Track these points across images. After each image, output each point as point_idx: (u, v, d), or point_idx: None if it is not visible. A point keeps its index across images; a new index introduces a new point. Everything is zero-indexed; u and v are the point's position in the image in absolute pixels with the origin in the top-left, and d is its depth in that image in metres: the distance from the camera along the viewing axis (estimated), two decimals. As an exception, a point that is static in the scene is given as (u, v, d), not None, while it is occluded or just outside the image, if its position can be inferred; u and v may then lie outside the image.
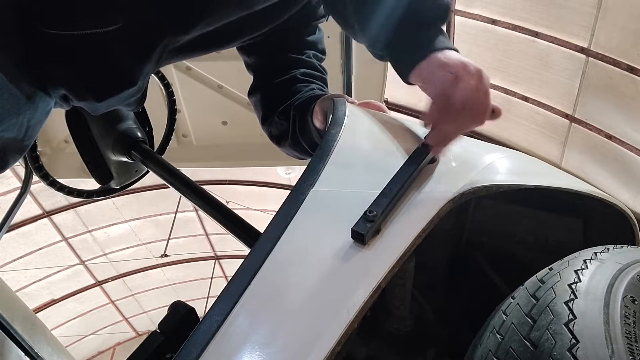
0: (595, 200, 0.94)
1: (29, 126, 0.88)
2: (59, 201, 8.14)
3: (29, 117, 0.87)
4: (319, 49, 1.32)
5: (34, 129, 0.90)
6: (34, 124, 0.89)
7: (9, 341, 1.45)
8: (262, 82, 1.29)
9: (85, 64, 0.86)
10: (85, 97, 0.91)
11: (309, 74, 1.27)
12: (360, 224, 0.72)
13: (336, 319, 0.63)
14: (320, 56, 1.32)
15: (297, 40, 1.27)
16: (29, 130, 0.89)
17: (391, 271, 0.68)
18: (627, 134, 4.94)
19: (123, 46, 0.86)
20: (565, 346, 0.58)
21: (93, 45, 0.84)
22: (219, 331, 0.65)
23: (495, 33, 5.14)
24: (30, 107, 0.86)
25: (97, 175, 1.55)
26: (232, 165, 6.12)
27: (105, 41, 0.84)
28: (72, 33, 0.81)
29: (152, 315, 12.33)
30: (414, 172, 0.81)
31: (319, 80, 1.28)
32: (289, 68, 1.26)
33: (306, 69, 1.27)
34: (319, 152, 0.88)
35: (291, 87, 1.24)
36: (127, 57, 0.88)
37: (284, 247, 0.73)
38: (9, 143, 0.87)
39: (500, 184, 0.83)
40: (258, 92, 1.30)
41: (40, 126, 0.93)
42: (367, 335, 0.96)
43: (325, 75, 1.32)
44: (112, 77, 0.90)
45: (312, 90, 1.23)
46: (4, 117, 0.81)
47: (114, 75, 0.90)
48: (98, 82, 0.89)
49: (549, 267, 0.75)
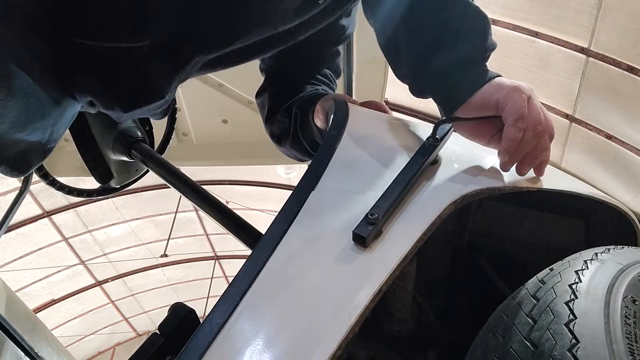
0: (597, 202, 0.94)
1: (53, 130, 0.87)
2: (59, 201, 8.14)
3: (54, 121, 0.86)
4: (336, 68, 1.33)
5: (58, 132, 0.89)
6: (59, 128, 0.88)
7: (9, 341, 1.44)
8: (272, 89, 1.30)
9: (114, 77, 0.85)
10: (113, 107, 0.89)
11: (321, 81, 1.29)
12: (361, 226, 0.71)
13: (337, 323, 0.62)
14: (333, 78, 1.33)
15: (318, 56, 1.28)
16: (53, 134, 0.87)
17: (393, 274, 0.67)
18: (627, 134, 4.93)
19: (155, 62, 0.85)
20: (566, 346, 0.58)
21: (125, 58, 0.83)
22: (220, 334, 0.65)
23: (495, 33, 5.09)
24: (56, 111, 0.85)
25: (97, 174, 1.55)
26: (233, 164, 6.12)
27: (137, 56, 0.83)
28: (104, 45, 0.80)
29: (152, 315, 12.34)
30: (416, 174, 0.80)
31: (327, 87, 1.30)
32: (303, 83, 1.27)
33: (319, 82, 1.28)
34: (319, 153, 0.87)
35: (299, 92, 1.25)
36: (158, 72, 0.87)
37: (285, 249, 0.73)
38: (33, 146, 0.85)
39: (502, 187, 0.82)
40: (266, 93, 1.30)
41: (65, 129, 0.92)
42: (368, 337, 0.95)
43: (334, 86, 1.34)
44: (141, 90, 0.89)
45: (315, 90, 1.23)
46: (29, 121, 0.80)
47: (143, 89, 0.89)
48: (127, 94, 0.88)
49: (550, 268, 0.75)
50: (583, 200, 0.93)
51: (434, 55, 0.90)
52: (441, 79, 0.90)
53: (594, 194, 0.93)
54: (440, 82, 0.91)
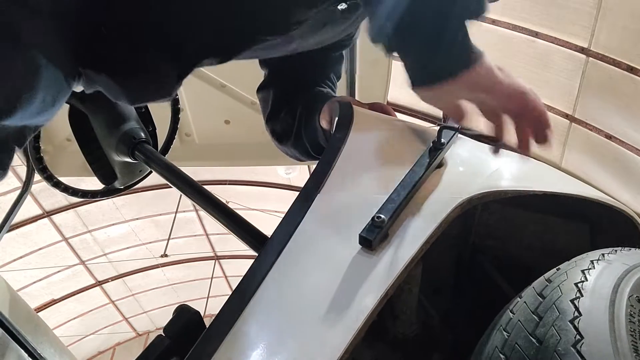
0: (603, 206, 0.94)
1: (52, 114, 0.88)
2: (59, 201, 8.14)
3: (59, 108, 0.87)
4: (338, 72, 1.34)
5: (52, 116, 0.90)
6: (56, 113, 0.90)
7: (13, 342, 1.44)
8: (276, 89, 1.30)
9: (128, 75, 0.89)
10: (119, 99, 0.94)
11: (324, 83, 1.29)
12: (367, 229, 0.72)
13: (344, 327, 0.62)
14: (335, 81, 1.34)
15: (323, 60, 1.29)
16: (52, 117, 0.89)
17: (399, 278, 0.67)
18: (627, 134, 4.94)
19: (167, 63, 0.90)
20: (570, 342, 0.58)
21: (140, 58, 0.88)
22: (227, 337, 0.65)
23: (495, 33, 5.13)
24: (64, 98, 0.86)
25: (101, 175, 1.56)
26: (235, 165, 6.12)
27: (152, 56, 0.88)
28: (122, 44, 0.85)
29: (152, 315, 12.33)
30: (422, 177, 0.80)
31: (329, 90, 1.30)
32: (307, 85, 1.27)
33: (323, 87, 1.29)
34: (325, 156, 0.87)
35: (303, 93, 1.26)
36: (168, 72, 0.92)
37: (291, 253, 0.73)
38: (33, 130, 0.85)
39: (508, 190, 0.83)
40: (269, 89, 1.31)
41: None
42: (373, 340, 0.95)
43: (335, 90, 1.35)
44: (151, 89, 0.94)
45: (320, 91, 1.24)
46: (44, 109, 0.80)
47: (154, 88, 0.94)
48: (137, 91, 0.93)
49: (557, 268, 0.76)
50: (588, 204, 0.93)
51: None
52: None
53: (600, 198, 0.93)
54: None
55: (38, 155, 1.56)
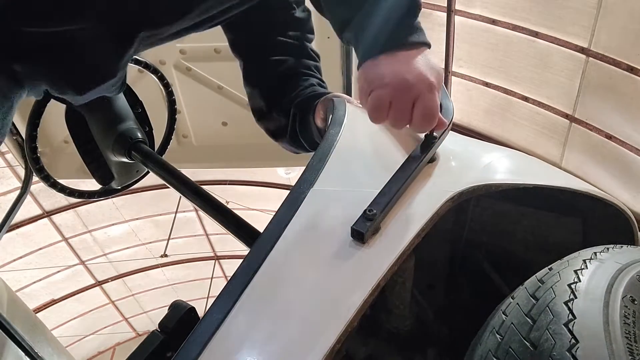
0: (594, 199, 0.94)
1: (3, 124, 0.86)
2: (58, 201, 8.14)
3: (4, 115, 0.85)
4: (307, 27, 1.28)
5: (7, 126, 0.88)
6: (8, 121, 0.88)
7: (10, 342, 1.45)
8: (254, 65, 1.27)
9: (63, 62, 0.86)
10: (66, 92, 0.91)
11: (305, 65, 1.25)
12: (359, 222, 0.72)
13: (336, 318, 0.63)
14: (309, 37, 1.29)
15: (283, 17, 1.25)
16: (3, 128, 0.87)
17: (391, 270, 0.68)
18: (627, 134, 4.94)
19: (99, 43, 0.86)
20: (565, 346, 0.58)
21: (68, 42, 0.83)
22: (219, 330, 0.65)
23: (495, 33, 5.14)
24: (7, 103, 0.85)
25: (98, 176, 1.55)
26: (232, 166, 6.11)
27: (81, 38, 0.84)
28: (47, 31, 0.81)
29: (152, 315, 12.32)
30: (413, 171, 0.81)
31: (314, 70, 1.27)
32: (277, 47, 1.24)
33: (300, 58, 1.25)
34: (318, 151, 0.88)
35: (290, 81, 1.23)
36: (104, 52, 0.88)
37: (283, 246, 0.73)
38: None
39: (499, 183, 0.83)
40: (254, 77, 1.28)
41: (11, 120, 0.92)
42: (367, 334, 0.96)
43: (318, 61, 1.30)
44: (91, 72, 0.90)
45: (312, 87, 1.23)
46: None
47: (93, 70, 0.90)
48: (77, 77, 0.89)
49: (549, 267, 0.75)
50: (580, 198, 0.93)
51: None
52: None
53: (591, 191, 0.94)
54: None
55: (35, 156, 1.56)
